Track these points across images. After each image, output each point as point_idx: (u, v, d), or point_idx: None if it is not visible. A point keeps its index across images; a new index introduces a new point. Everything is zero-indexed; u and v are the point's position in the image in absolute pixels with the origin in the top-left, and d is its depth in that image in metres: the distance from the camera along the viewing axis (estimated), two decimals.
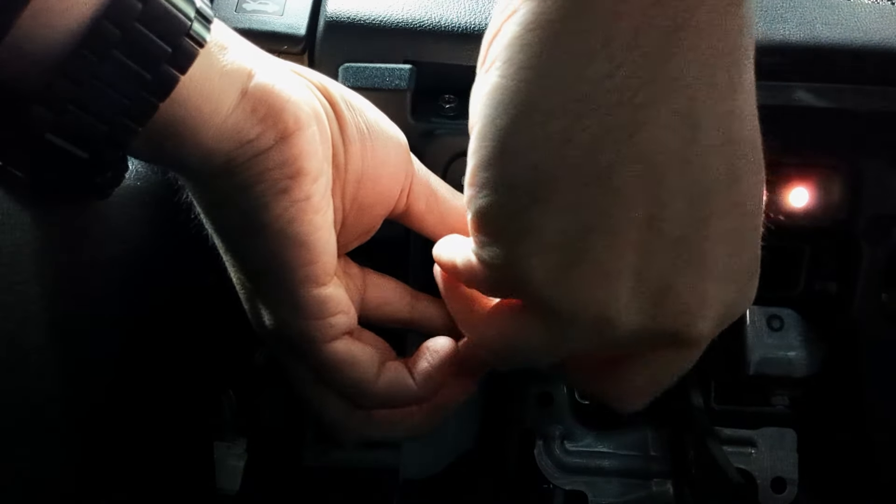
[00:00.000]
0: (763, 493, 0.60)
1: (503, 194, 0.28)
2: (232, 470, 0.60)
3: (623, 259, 0.27)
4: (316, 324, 0.36)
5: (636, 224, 0.26)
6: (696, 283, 0.28)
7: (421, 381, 0.39)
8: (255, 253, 0.34)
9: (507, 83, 0.26)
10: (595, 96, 0.25)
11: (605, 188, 0.26)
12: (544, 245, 0.27)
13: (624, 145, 0.25)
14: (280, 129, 0.33)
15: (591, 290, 0.27)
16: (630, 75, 0.25)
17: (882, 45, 0.50)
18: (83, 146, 0.30)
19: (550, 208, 0.27)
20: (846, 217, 0.51)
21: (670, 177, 0.26)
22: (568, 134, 0.26)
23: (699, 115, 0.26)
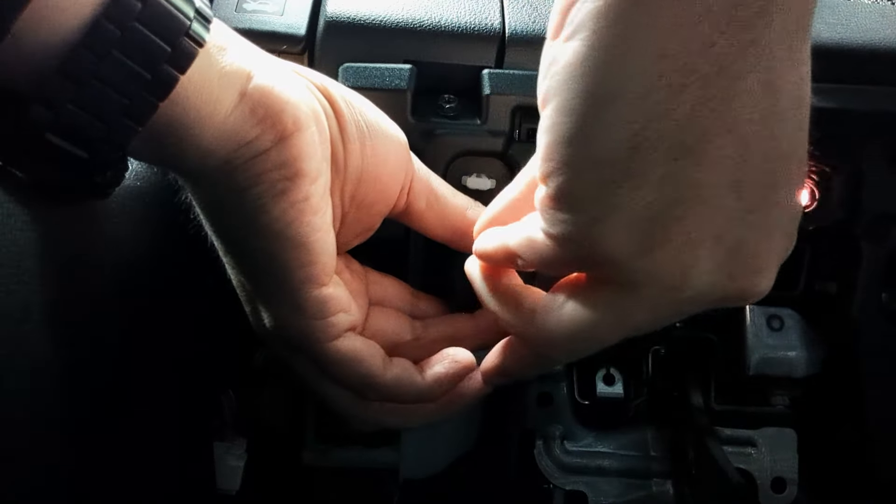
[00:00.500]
0: (763, 493, 0.60)
1: (591, 171, 0.27)
2: (232, 470, 0.59)
3: (708, 227, 0.27)
4: (317, 323, 0.36)
5: (723, 192, 0.27)
6: (768, 241, 0.28)
7: (431, 381, 0.39)
8: (255, 254, 0.34)
9: (600, 54, 0.25)
10: (698, 66, 0.25)
11: (697, 160, 0.26)
12: (632, 219, 0.27)
13: (719, 115, 0.25)
14: (279, 130, 0.33)
15: (676, 259, 0.27)
16: (730, 44, 0.24)
17: (882, 45, 0.50)
18: (83, 146, 0.30)
19: (642, 183, 0.26)
20: (846, 217, 0.51)
21: (754, 144, 0.26)
22: (668, 106, 0.25)
23: (781, 82, 0.26)
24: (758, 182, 0.27)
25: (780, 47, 0.25)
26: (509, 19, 0.50)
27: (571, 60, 0.26)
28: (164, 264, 0.44)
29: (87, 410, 0.37)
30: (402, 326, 0.42)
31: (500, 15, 0.50)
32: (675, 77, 0.25)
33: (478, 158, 0.47)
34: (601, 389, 0.63)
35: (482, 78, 0.48)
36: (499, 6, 0.51)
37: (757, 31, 0.24)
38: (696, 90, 0.25)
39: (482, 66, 0.49)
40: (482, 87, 0.48)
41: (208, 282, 0.47)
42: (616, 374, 0.63)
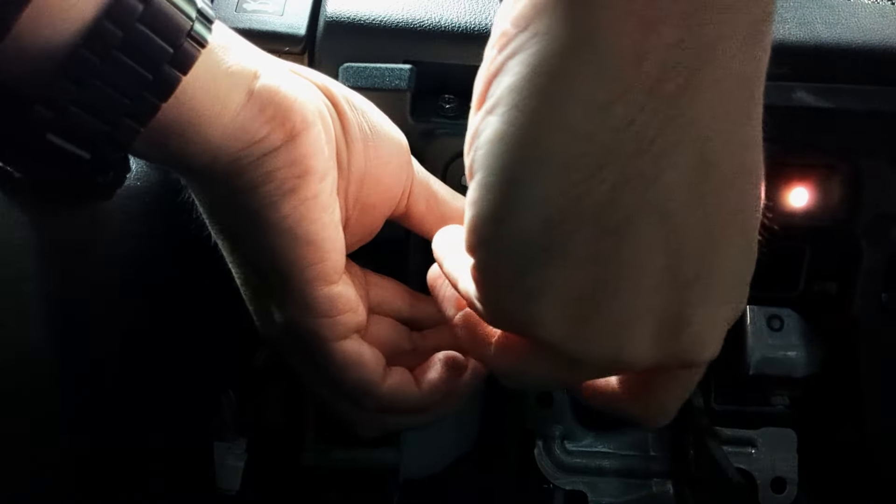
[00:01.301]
0: (763, 493, 0.60)
1: (512, 252, 0.26)
2: (232, 470, 0.59)
3: (641, 305, 0.26)
4: (325, 322, 0.36)
5: (654, 270, 0.25)
6: (709, 312, 0.27)
7: (427, 390, 0.39)
8: (263, 252, 0.34)
9: (516, 132, 0.24)
10: (615, 146, 0.23)
11: (623, 239, 0.25)
12: (559, 301, 0.26)
13: (643, 194, 0.24)
14: (288, 129, 0.33)
15: (609, 338, 0.26)
16: (650, 121, 0.23)
17: (882, 45, 0.50)
18: (84, 146, 0.30)
19: (566, 264, 0.25)
20: (846, 217, 0.51)
21: (686, 218, 0.25)
22: (586, 186, 0.24)
23: (715, 152, 0.24)
24: (693, 258, 0.26)
25: (712, 121, 0.24)
26: None
27: (490, 136, 0.25)
28: (165, 264, 0.44)
29: (87, 410, 0.37)
30: (400, 336, 0.42)
31: None
32: (591, 158, 0.24)
33: None
34: None
35: None
36: (499, 6, 0.51)
37: (680, 106, 0.23)
38: (614, 171, 0.24)
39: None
40: None
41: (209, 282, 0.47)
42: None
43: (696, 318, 0.27)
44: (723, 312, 0.28)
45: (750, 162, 0.26)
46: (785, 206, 0.51)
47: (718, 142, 0.24)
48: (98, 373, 0.37)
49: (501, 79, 0.25)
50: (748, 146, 0.25)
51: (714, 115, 0.24)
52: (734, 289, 0.28)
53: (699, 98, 0.23)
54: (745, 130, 0.25)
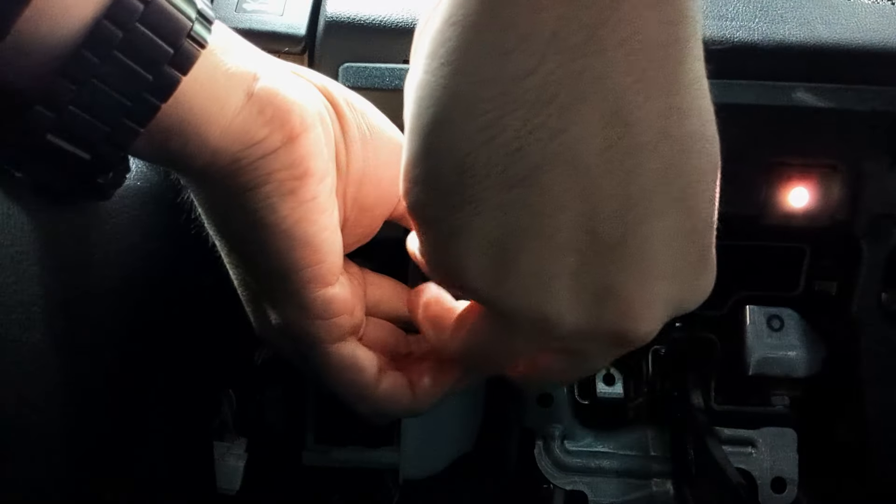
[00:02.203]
0: (763, 493, 0.60)
1: (432, 192, 0.27)
2: (232, 470, 0.59)
3: (559, 261, 0.26)
4: (321, 324, 0.36)
5: (569, 226, 0.26)
6: (638, 284, 0.27)
7: (420, 395, 0.39)
8: (261, 254, 0.34)
9: (430, 78, 0.26)
10: (515, 94, 0.24)
11: (534, 189, 0.25)
12: (477, 246, 0.27)
13: (549, 146, 0.25)
14: (287, 130, 0.33)
15: (528, 291, 0.27)
16: (551, 73, 0.24)
17: (882, 45, 0.50)
18: (84, 147, 0.29)
19: (480, 209, 0.26)
20: (846, 217, 0.51)
21: (601, 178, 0.25)
22: (491, 132, 0.25)
23: (629, 113, 0.25)
24: (615, 219, 0.26)
25: (626, 78, 0.24)
26: None
27: (413, 84, 0.27)
28: (165, 264, 0.44)
29: (87, 409, 0.37)
30: (397, 339, 0.42)
31: None
32: (494, 104, 0.24)
33: None
34: (601, 389, 0.63)
35: None
36: None
37: (586, 61, 0.24)
38: (518, 119, 0.24)
39: None
40: None
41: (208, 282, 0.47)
42: (616, 374, 0.63)
43: (625, 288, 0.27)
44: (660, 289, 0.28)
45: (679, 130, 0.26)
46: (785, 206, 0.51)
47: (634, 104, 0.25)
48: (98, 372, 0.37)
49: (420, 30, 0.27)
50: (675, 113, 0.25)
51: (627, 75, 0.24)
52: (675, 267, 0.28)
53: (605, 55, 0.24)
54: (672, 98, 0.25)
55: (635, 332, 0.29)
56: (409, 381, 0.39)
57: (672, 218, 0.27)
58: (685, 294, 0.29)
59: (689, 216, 0.27)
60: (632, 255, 0.27)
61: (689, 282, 0.29)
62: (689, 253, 0.28)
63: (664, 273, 0.28)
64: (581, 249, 0.26)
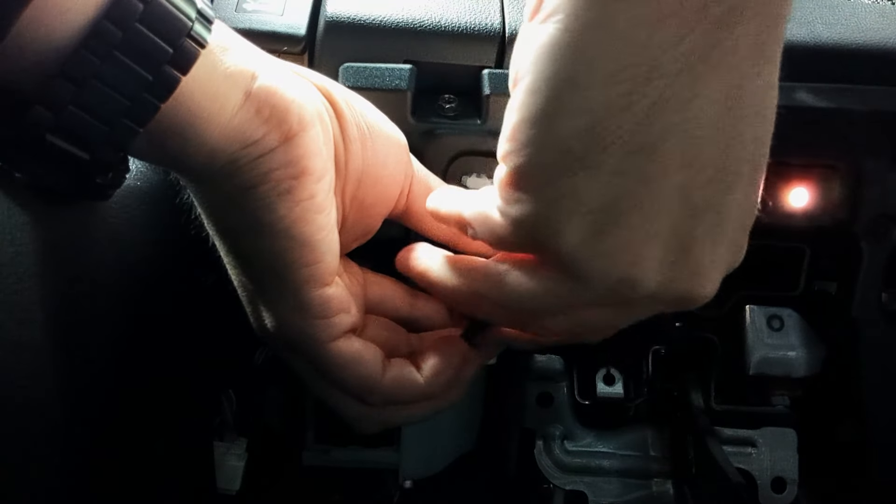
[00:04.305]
0: (763, 493, 0.60)
1: (550, 154, 0.27)
2: (232, 470, 0.59)
3: (654, 225, 0.27)
4: (319, 323, 0.36)
5: (672, 191, 0.27)
6: (712, 247, 0.29)
7: (430, 377, 0.39)
8: (258, 253, 0.34)
9: (570, 38, 0.25)
10: (662, 63, 0.25)
11: (650, 157, 0.26)
12: (583, 208, 0.27)
13: (678, 114, 0.25)
14: (285, 129, 0.33)
15: (621, 254, 0.28)
16: (697, 42, 0.24)
17: (882, 45, 0.50)
18: (83, 147, 0.29)
19: (595, 174, 0.26)
20: (846, 217, 0.51)
21: (707, 147, 0.26)
22: (629, 99, 0.25)
23: (744, 87, 0.26)
24: (705, 187, 0.27)
25: (748, 53, 0.25)
26: (509, 19, 0.50)
27: (544, 41, 0.26)
28: (165, 264, 0.44)
29: (87, 410, 0.37)
30: (397, 338, 0.42)
31: (500, 15, 0.50)
32: (639, 70, 0.25)
33: (478, 158, 0.47)
34: (601, 389, 0.63)
35: (482, 78, 0.48)
36: (499, 6, 0.51)
37: (725, 32, 0.25)
38: (658, 86, 0.25)
39: (482, 66, 0.49)
40: (482, 87, 0.48)
41: (209, 281, 0.47)
42: (616, 374, 0.63)
43: (700, 250, 0.28)
44: (724, 253, 0.29)
45: (769, 106, 0.27)
46: (785, 206, 0.51)
47: (749, 77, 0.26)
48: (97, 372, 0.37)
49: None
50: (770, 89, 0.27)
51: (750, 47, 0.25)
52: (737, 232, 0.29)
53: (740, 27, 0.25)
54: (770, 72, 0.27)
55: (702, 292, 0.30)
56: (417, 366, 0.39)
57: (745, 188, 0.28)
58: (734, 261, 0.30)
59: (755, 188, 0.29)
60: (712, 221, 0.28)
61: (739, 250, 0.30)
62: (747, 220, 0.30)
63: (728, 237, 0.29)
64: (674, 213, 0.27)
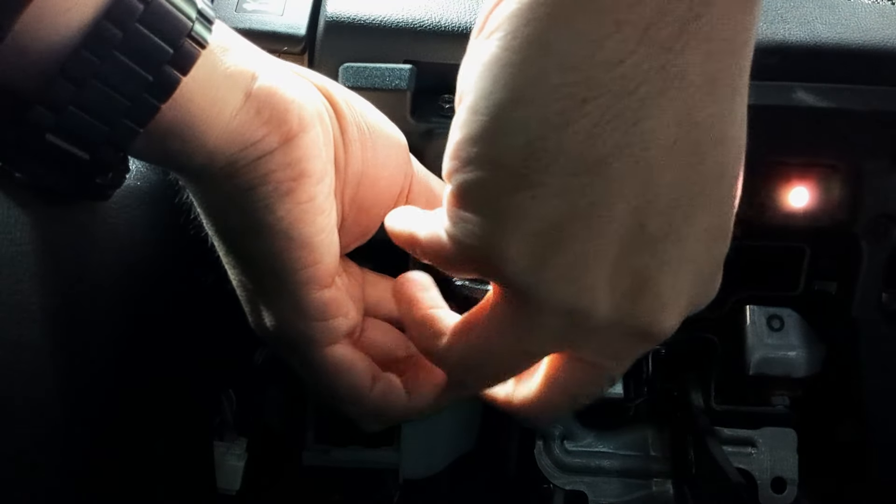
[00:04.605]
0: (763, 493, 0.60)
1: (491, 173, 0.26)
2: (232, 470, 0.59)
3: (604, 250, 0.26)
4: (317, 325, 0.36)
5: (622, 217, 0.26)
6: (672, 278, 0.28)
7: (415, 398, 0.39)
8: (258, 254, 0.34)
9: (510, 56, 0.25)
10: (603, 82, 0.24)
11: (597, 178, 0.25)
12: (526, 230, 0.26)
13: (623, 136, 0.25)
14: (284, 130, 0.33)
15: (568, 279, 0.27)
16: (640, 63, 0.24)
17: (882, 45, 0.50)
18: (84, 147, 0.29)
19: (539, 193, 0.26)
20: (846, 217, 0.51)
21: (661, 172, 0.25)
22: (568, 117, 0.24)
23: (700, 111, 0.25)
24: (663, 214, 0.26)
25: (698, 80, 0.25)
26: None
27: (485, 59, 0.26)
28: (165, 264, 0.44)
29: (87, 410, 0.37)
30: (395, 342, 0.42)
31: None
32: (577, 89, 0.24)
33: None
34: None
35: None
36: None
37: (670, 57, 0.24)
38: (598, 107, 0.24)
39: None
40: None
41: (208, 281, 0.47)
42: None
43: (660, 281, 0.27)
44: (687, 286, 0.28)
45: (731, 136, 0.27)
46: (785, 206, 0.51)
47: (703, 104, 0.25)
48: (97, 372, 0.37)
49: (503, 6, 0.25)
50: (731, 120, 0.26)
51: (702, 74, 0.25)
52: (703, 265, 0.28)
53: (689, 52, 0.24)
54: (730, 104, 0.26)
55: (661, 325, 0.29)
56: (405, 385, 0.39)
57: (711, 217, 0.27)
58: (703, 291, 0.30)
59: (723, 217, 0.28)
60: (671, 250, 0.27)
61: (709, 280, 0.29)
62: (715, 251, 0.29)
63: (693, 269, 0.28)
64: (627, 241, 0.26)
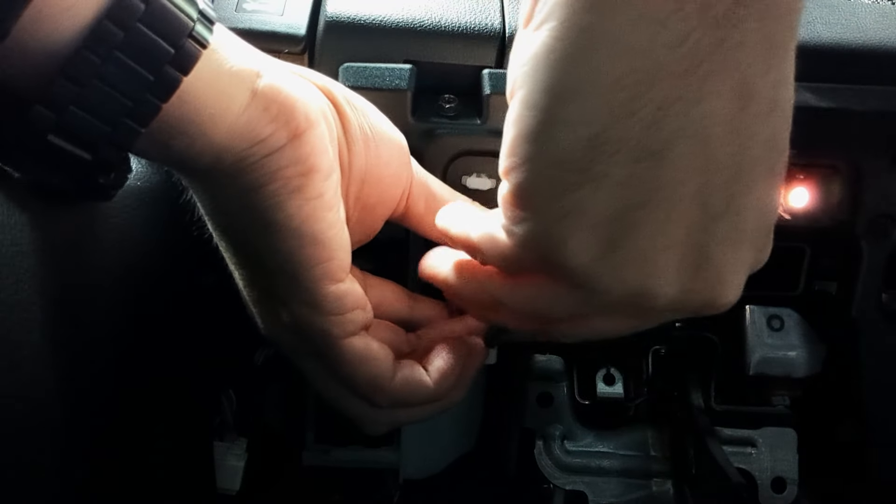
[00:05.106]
0: (763, 493, 0.60)
1: (551, 170, 0.25)
2: (232, 470, 0.59)
3: (669, 234, 0.26)
4: (335, 319, 0.36)
5: (686, 198, 0.25)
6: (732, 252, 0.27)
7: (437, 378, 0.39)
8: (269, 252, 0.34)
9: (564, 46, 0.24)
10: (665, 65, 0.23)
11: (660, 163, 0.25)
12: (590, 223, 0.26)
13: (685, 118, 0.24)
14: (292, 127, 0.33)
15: (635, 266, 0.26)
16: (701, 41, 0.23)
17: (882, 45, 0.50)
18: (85, 147, 0.29)
19: (602, 185, 0.25)
20: (846, 217, 0.51)
21: (720, 148, 0.25)
22: (633, 106, 0.24)
23: (754, 83, 0.25)
24: (723, 190, 0.26)
25: (756, 49, 0.24)
26: (509, 19, 0.50)
27: (538, 51, 0.25)
28: (165, 265, 0.44)
29: (87, 410, 0.37)
30: (398, 339, 0.42)
31: (500, 15, 0.50)
32: (641, 75, 0.24)
33: (478, 158, 0.47)
34: (601, 389, 0.63)
35: (482, 78, 0.48)
36: (499, 6, 0.51)
37: (729, 29, 0.23)
38: (662, 90, 0.24)
39: (482, 66, 0.49)
40: (482, 87, 0.48)
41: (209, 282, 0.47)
42: (616, 374, 0.63)
43: (720, 255, 0.27)
44: (746, 256, 0.28)
45: (784, 101, 0.26)
46: (785, 206, 0.51)
47: (759, 73, 0.25)
48: (97, 372, 0.37)
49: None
50: (784, 84, 0.26)
51: (758, 43, 0.24)
52: (759, 233, 0.28)
53: (746, 23, 0.24)
54: (783, 67, 0.26)
55: (724, 298, 0.28)
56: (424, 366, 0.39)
57: (765, 187, 0.27)
58: (758, 261, 0.29)
59: (775, 186, 0.28)
60: (731, 224, 0.27)
61: (763, 247, 0.29)
62: (768, 221, 0.28)
63: (749, 240, 0.28)
64: (690, 220, 0.26)
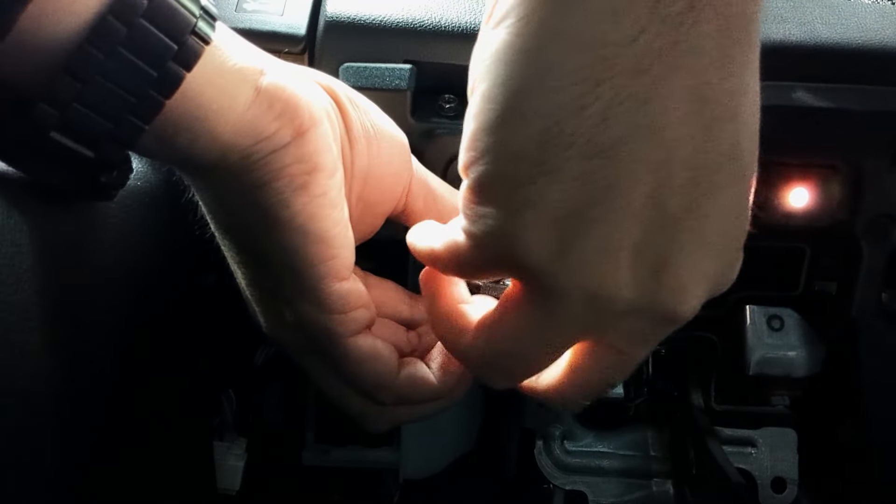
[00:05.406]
0: (763, 493, 0.60)
1: (507, 163, 0.26)
2: (232, 470, 0.59)
3: (625, 234, 0.26)
4: (339, 318, 0.36)
5: (641, 197, 0.26)
6: (693, 259, 0.27)
7: (440, 375, 0.39)
8: (274, 251, 0.34)
9: (521, 42, 0.24)
10: (616, 62, 0.24)
11: (614, 160, 0.25)
12: (546, 218, 0.26)
13: (636, 116, 0.24)
14: (297, 125, 0.33)
15: (591, 265, 0.26)
16: (652, 41, 0.24)
17: (882, 45, 0.50)
18: (88, 145, 0.29)
19: (556, 180, 0.25)
20: (846, 217, 0.51)
21: (677, 150, 0.25)
22: (583, 101, 0.24)
23: (711, 88, 0.25)
24: (681, 193, 0.26)
25: (711, 56, 0.24)
26: None
27: (497, 47, 0.25)
28: (165, 265, 0.44)
29: (87, 410, 0.37)
30: (399, 337, 0.42)
31: None
32: (591, 70, 0.24)
33: None
34: None
35: None
36: None
37: (682, 32, 0.24)
38: (612, 88, 0.24)
39: None
40: None
41: (209, 282, 0.47)
42: None
43: (680, 261, 0.27)
44: (708, 266, 0.28)
45: (745, 111, 0.26)
46: (785, 206, 0.51)
47: (715, 79, 0.25)
48: (97, 372, 0.37)
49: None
50: (742, 94, 0.26)
51: (714, 49, 0.24)
52: (724, 246, 0.28)
53: (700, 27, 0.24)
54: (743, 77, 0.26)
55: (683, 308, 0.28)
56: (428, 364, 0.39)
57: (729, 196, 0.27)
58: (723, 274, 0.29)
59: (742, 195, 0.28)
60: (691, 230, 0.27)
61: (729, 262, 0.29)
62: (735, 232, 0.28)
63: (713, 250, 0.28)
64: (647, 222, 0.26)
